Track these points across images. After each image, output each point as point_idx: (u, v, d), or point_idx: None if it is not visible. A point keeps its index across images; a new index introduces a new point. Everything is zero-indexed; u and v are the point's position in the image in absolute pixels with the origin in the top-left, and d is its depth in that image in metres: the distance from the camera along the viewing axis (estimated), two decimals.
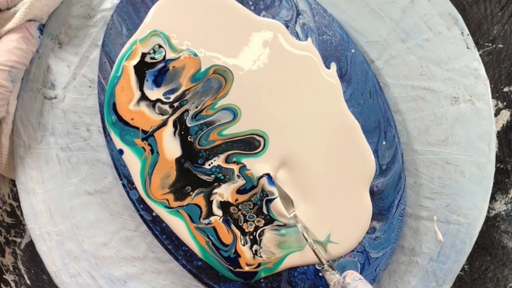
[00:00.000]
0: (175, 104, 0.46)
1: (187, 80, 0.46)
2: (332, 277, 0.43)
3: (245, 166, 0.46)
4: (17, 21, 0.45)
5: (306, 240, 0.44)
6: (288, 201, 0.46)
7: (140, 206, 0.47)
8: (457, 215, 0.46)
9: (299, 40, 0.46)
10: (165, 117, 0.46)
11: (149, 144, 0.46)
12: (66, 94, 0.49)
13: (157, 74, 0.46)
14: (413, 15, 0.46)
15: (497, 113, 0.48)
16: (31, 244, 0.54)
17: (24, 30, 0.46)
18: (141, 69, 0.46)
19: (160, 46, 0.46)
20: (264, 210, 0.46)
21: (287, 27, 0.46)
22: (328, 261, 0.44)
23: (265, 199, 0.46)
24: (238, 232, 0.46)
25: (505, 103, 0.48)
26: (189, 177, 0.46)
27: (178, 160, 0.46)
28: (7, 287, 0.55)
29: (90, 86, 0.49)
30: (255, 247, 0.46)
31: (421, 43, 0.46)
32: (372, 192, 0.46)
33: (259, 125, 0.46)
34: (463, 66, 0.46)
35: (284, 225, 0.46)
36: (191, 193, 0.46)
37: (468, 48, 0.46)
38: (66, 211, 0.49)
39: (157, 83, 0.46)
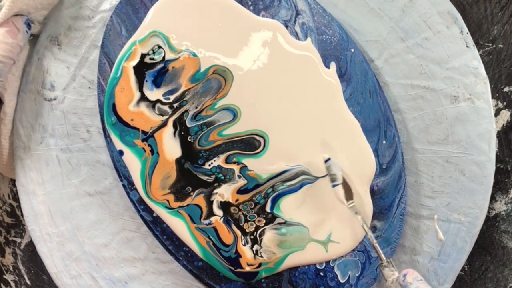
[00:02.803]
0: (175, 105, 0.46)
1: (187, 80, 0.46)
2: (390, 273, 0.42)
3: (246, 166, 0.46)
4: (2, 16, 0.45)
5: (367, 233, 0.43)
6: (347, 191, 0.45)
7: (141, 207, 0.47)
8: (458, 213, 0.46)
9: (299, 39, 0.46)
10: (165, 117, 0.46)
11: (149, 145, 0.46)
12: (66, 95, 0.49)
13: (157, 75, 0.46)
14: (413, 14, 0.46)
15: (497, 113, 0.48)
16: (31, 244, 0.54)
17: (10, 24, 0.46)
18: (140, 69, 0.46)
19: (159, 47, 0.46)
20: (267, 209, 0.46)
21: (286, 27, 0.46)
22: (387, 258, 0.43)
23: (271, 196, 0.46)
24: (238, 232, 0.46)
25: (505, 103, 0.48)
26: (190, 178, 0.46)
27: (178, 161, 0.46)
28: (7, 287, 0.55)
29: (89, 87, 0.49)
30: (255, 247, 0.46)
31: (421, 42, 0.46)
32: (372, 191, 0.46)
33: (259, 125, 0.46)
34: (462, 65, 0.46)
35: (285, 223, 0.46)
36: (192, 193, 0.46)
37: (467, 46, 0.45)
38: (67, 212, 0.49)
39: (157, 83, 0.46)
